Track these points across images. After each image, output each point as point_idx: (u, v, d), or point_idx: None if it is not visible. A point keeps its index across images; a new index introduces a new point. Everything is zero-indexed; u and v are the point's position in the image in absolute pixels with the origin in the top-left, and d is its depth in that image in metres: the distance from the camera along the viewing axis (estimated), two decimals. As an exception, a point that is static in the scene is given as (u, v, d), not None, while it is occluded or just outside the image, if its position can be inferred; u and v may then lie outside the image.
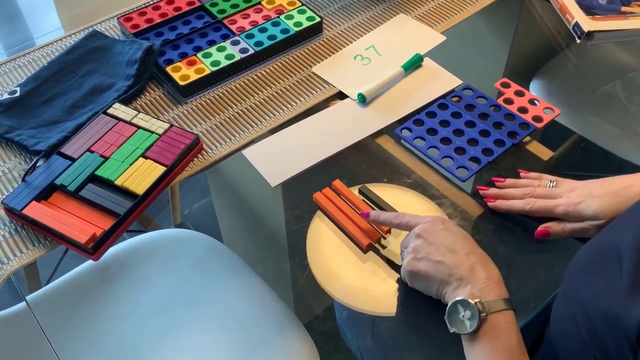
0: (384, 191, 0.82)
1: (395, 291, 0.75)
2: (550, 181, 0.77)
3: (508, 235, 0.81)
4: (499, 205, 0.78)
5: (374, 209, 0.79)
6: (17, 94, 0.90)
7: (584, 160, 0.99)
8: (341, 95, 0.94)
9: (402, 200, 0.82)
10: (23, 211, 0.74)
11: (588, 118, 0.99)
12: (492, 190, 0.79)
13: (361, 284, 0.75)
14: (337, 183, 0.81)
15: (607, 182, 0.72)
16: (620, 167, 0.97)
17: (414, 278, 0.68)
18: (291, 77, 0.96)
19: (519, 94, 0.93)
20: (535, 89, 1.02)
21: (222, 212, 1.30)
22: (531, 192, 0.76)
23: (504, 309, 0.61)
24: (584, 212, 0.70)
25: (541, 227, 0.75)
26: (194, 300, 0.88)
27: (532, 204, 0.75)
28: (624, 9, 1.06)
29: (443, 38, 1.02)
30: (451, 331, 0.62)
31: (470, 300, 0.61)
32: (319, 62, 0.98)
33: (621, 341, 0.49)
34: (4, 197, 0.77)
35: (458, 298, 0.62)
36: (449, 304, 0.62)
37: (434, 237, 0.66)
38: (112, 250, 0.77)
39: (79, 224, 0.73)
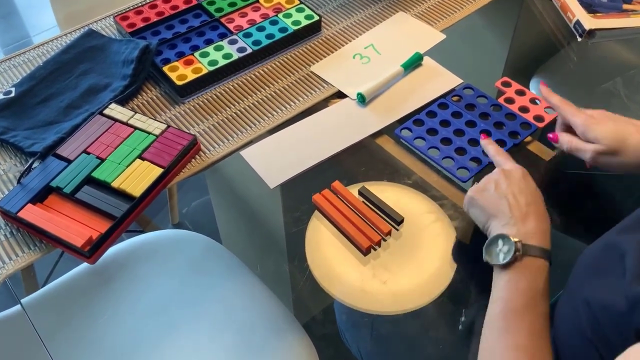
0: (384, 190, 0.81)
1: (396, 293, 0.74)
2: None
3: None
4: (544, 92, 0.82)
5: (373, 210, 0.78)
6: (12, 95, 0.88)
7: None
8: (340, 95, 0.93)
9: (403, 199, 0.81)
10: (18, 214, 0.73)
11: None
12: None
13: (361, 285, 0.74)
14: (337, 184, 0.80)
15: (625, 118, 0.75)
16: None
17: (471, 204, 0.72)
18: (289, 76, 0.95)
19: (520, 93, 0.92)
20: (535, 87, 1.01)
21: (221, 213, 1.30)
22: (564, 101, 0.80)
23: (540, 256, 0.62)
24: (594, 129, 0.73)
25: (554, 133, 0.80)
26: (193, 302, 0.87)
27: (560, 102, 0.79)
28: (625, 6, 1.05)
29: (443, 36, 1.01)
30: (484, 259, 0.65)
31: (511, 238, 0.63)
32: (317, 61, 0.97)
33: (627, 333, 0.49)
34: (-1, 199, 0.77)
35: (502, 232, 0.65)
36: (492, 235, 0.65)
37: (509, 180, 0.70)
38: (110, 252, 0.76)
39: (75, 226, 0.73)
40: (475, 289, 0.76)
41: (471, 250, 0.78)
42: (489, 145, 0.80)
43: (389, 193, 0.81)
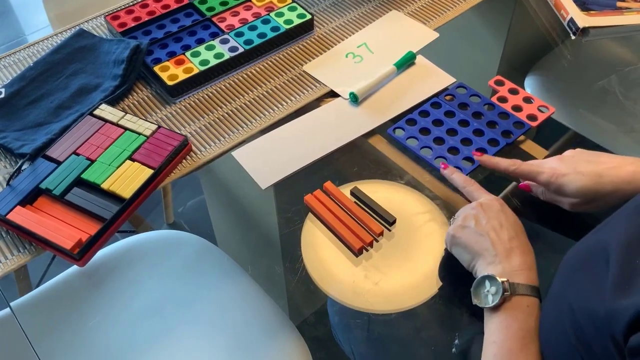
0: (377, 190, 0.81)
1: (388, 294, 0.73)
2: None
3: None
4: (485, 160, 0.79)
5: (365, 211, 0.78)
6: (2, 95, 0.88)
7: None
8: (333, 94, 0.93)
9: (395, 199, 0.81)
10: (7, 216, 0.73)
11: (583, 114, 0.98)
12: (484, 156, 0.81)
13: (354, 286, 0.73)
14: (328, 185, 0.80)
15: (594, 158, 0.71)
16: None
17: (454, 243, 0.70)
18: (282, 76, 0.94)
19: (513, 91, 0.91)
20: (530, 85, 1.01)
21: (215, 213, 1.29)
22: (518, 161, 0.76)
23: (529, 294, 0.61)
24: (565, 186, 0.70)
25: (525, 183, 0.78)
26: (186, 303, 0.87)
27: (517, 165, 0.75)
28: (619, 4, 1.05)
29: (436, 35, 1.01)
30: (474, 302, 0.63)
31: (498, 278, 0.62)
32: (310, 61, 0.97)
33: (606, 341, 0.49)
34: (-12, 201, 0.76)
35: (487, 273, 0.63)
36: (478, 277, 0.64)
37: (488, 213, 0.68)
38: (102, 253, 0.76)
39: (64, 229, 0.72)
40: (468, 288, 0.76)
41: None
42: (453, 175, 0.78)
43: (381, 193, 0.81)
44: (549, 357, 0.59)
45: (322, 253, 0.77)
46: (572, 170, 0.70)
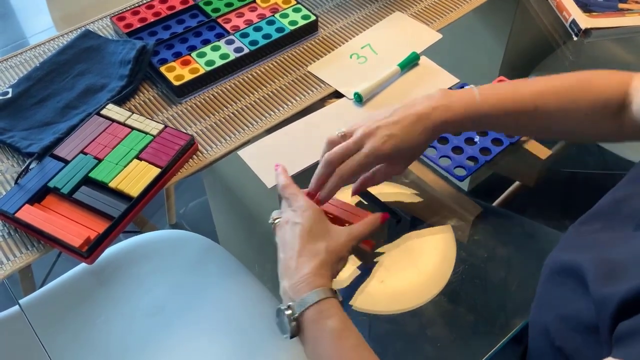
0: (382, 190, 0.81)
1: (394, 292, 0.74)
2: (342, 134, 0.72)
3: (507, 235, 0.80)
4: (322, 198, 0.72)
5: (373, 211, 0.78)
6: (9, 95, 0.88)
7: (581, 157, 0.99)
8: (337, 95, 0.93)
9: (401, 197, 0.81)
10: (16, 214, 0.73)
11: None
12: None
13: (358, 284, 0.74)
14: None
15: (395, 112, 0.70)
16: (615, 163, 0.96)
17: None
18: (286, 76, 0.95)
19: (516, 92, 0.92)
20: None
21: (218, 213, 1.30)
22: (333, 159, 0.70)
23: (314, 302, 0.59)
24: (387, 151, 0.68)
25: (356, 187, 0.75)
26: (190, 302, 0.87)
27: (341, 172, 0.69)
28: (621, 5, 1.06)
29: (439, 36, 1.02)
30: (284, 337, 0.61)
31: (280, 307, 0.61)
32: (314, 61, 0.97)
33: (599, 350, 0.49)
34: (-3, 200, 0.76)
35: (278, 307, 0.61)
36: (276, 312, 0.62)
37: (279, 233, 0.68)
38: (107, 252, 0.76)
39: (73, 227, 0.73)
40: (473, 288, 0.76)
41: (468, 249, 0.78)
42: (279, 176, 0.75)
43: (386, 192, 0.81)
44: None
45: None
46: (385, 133, 0.69)
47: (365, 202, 0.80)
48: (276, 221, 0.70)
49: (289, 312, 0.60)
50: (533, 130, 0.77)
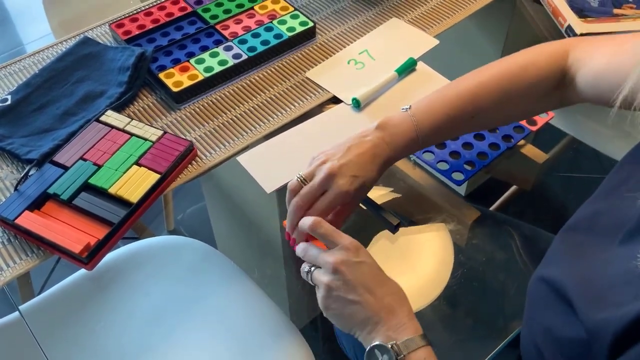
0: (380, 194, 0.82)
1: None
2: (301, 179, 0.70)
3: (505, 239, 0.81)
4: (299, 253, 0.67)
5: (372, 215, 0.79)
6: (8, 102, 0.89)
7: (577, 161, 0.99)
8: (335, 100, 0.94)
9: (399, 201, 0.82)
10: (16, 221, 0.73)
11: (581, 120, 1.00)
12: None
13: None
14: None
15: (350, 150, 0.70)
16: (612, 167, 0.97)
17: (329, 316, 0.63)
18: (285, 82, 0.96)
19: (513, 97, 0.93)
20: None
21: (217, 219, 1.30)
22: (301, 204, 0.69)
23: (421, 346, 0.58)
24: (353, 192, 0.68)
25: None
26: (189, 308, 0.87)
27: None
28: (615, 11, 1.06)
29: (436, 42, 1.02)
30: None
31: (386, 345, 0.57)
32: (312, 67, 0.98)
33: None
34: (-4, 206, 0.77)
35: (375, 343, 0.58)
36: (367, 349, 0.59)
37: (350, 273, 0.60)
38: (107, 258, 0.76)
39: (72, 233, 0.73)
40: (471, 292, 0.77)
41: (466, 253, 0.79)
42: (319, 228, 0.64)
43: (384, 197, 0.82)
44: None
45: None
46: (339, 168, 0.67)
47: (364, 208, 0.80)
48: (313, 269, 0.63)
49: (396, 348, 0.57)
50: (476, 128, 0.81)
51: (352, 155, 0.69)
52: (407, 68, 0.97)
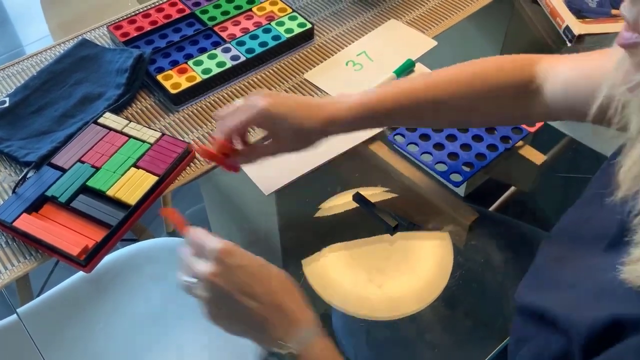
0: (379, 196, 0.82)
1: (391, 298, 0.74)
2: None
3: (503, 240, 0.81)
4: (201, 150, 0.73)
5: (370, 217, 0.79)
6: (6, 105, 0.89)
7: (576, 162, 0.99)
8: (333, 102, 0.94)
9: (397, 202, 0.82)
10: (14, 224, 0.73)
11: (579, 121, 1.00)
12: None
13: (357, 290, 0.74)
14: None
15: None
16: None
17: (222, 329, 0.58)
18: (283, 84, 0.96)
19: (511, 98, 0.93)
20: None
21: (216, 220, 1.30)
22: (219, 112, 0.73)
23: (313, 337, 0.56)
24: (262, 105, 0.69)
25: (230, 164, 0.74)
26: (188, 310, 0.87)
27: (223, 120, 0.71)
28: (614, 12, 1.06)
29: (434, 43, 1.02)
30: None
31: (280, 351, 0.55)
32: (310, 69, 0.98)
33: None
34: (-6, 209, 0.76)
35: (272, 350, 0.56)
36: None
37: (227, 284, 0.55)
38: (105, 260, 0.76)
39: (70, 235, 0.73)
40: (470, 293, 0.77)
41: (465, 254, 0.79)
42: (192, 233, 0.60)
43: (383, 198, 0.82)
44: None
45: (323, 259, 0.78)
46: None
47: (362, 208, 0.80)
48: (193, 280, 0.57)
49: (292, 351, 0.55)
50: (434, 121, 0.79)
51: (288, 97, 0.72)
52: (406, 69, 0.97)
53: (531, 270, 0.60)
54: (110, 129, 0.85)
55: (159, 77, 0.92)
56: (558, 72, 0.69)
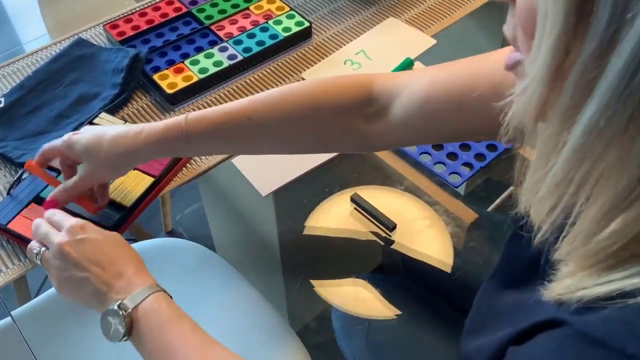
0: (377, 196, 0.81)
1: (391, 297, 0.74)
2: None
3: (502, 242, 0.80)
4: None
5: (367, 217, 0.78)
6: (1, 105, 0.88)
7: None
8: (331, 101, 0.93)
9: (395, 203, 0.81)
10: (8, 225, 0.73)
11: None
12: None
13: (356, 291, 0.74)
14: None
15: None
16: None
17: (66, 297, 0.63)
18: (281, 83, 0.95)
19: (511, 97, 0.92)
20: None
21: (214, 220, 1.29)
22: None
23: (148, 294, 0.59)
24: (76, 145, 0.67)
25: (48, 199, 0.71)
26: (186, 311, 0.87)
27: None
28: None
29: (433, 41, 1.01)
30: (113, 341, 0.59)
31: (112, 307, 0.57)
32: (308, 68, 0.97)
33: None
34: (-11, 211, 0.76)
35: (104, 309, 0.58)
36: (100, 321, 0.58)
37: (75, 251, 0.61)
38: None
39: (65, 238, 0.72)
40: (468, 292, 0.76)
41: (465, 255, 0.78)
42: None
43: (381, 199, 0.81)
44: None
45: (323, 258, 0.77)
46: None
47: (360, 209, 0.79)
48: (42, 250, 0.63)
49: (123, 306, 0.57)
50: (251, 146, 0.69)
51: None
52: (404, 68, 0.96)
53: (472, 318, 0.55)
54: (106, 129, 0.84)
55: (155, 77, 0.91)
56: (417, 83, 0.60)
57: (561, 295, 0.36)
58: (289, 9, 1.03)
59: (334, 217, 0.82)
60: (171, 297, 0.61)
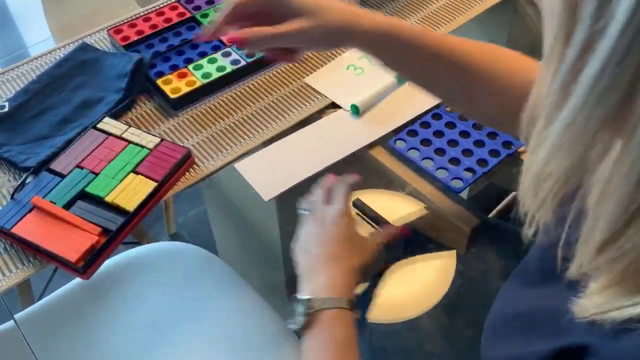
0: (379, 200, 0.81)
1: (390, 303, 0.74)
2: None
3: (505, 248, 0.80)
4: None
5: (367, 222, 0.78)
6: (6, 109, 0.88)
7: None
8: (334, 106, 0.93)
9: (397, 208, 0.81)
10: (12, 230, 0.73)
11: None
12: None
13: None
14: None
15: None
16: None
17: (296, 248, 0.71)
18: (283, 88, 0.95)
19: (514, 102, 0.92)
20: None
21: (217, 224, 1.29)
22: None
23: (335, 307, 0.60)
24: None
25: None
26: (188, 315, 0.87)
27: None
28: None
29: (436, 46, 1.01)
30: (289, 327, 0.62)
31: (302, 297, 0.61)
32: (311, 73, 0.97)
33: None
34: (-7, 215, 0.76)
35: (299, 295, 0.62)
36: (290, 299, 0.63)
37: (314, 228, 0.70)
38: (104, 265, 0.76)
39: (68, 242, 0.72)
40: (470, 300, 0.76)
41: (466, 261, 0.78)
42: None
43: (383, 204, 0.81)
44: None
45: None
46: None
47: (362, 214, 0.79)
48: (305, 212, 0.73)
49: (307, 304, 0.60)
50: (449, 80, 0.67)
51: None
52: (407, 73, 0.96)
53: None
54: (109, 134, 0.84)
55: (159, 82, 0.92)
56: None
57: (594, 316, 0.36)
58: (292, 14, 1.03)
59: (336, 222, 0.82)
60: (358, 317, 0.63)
